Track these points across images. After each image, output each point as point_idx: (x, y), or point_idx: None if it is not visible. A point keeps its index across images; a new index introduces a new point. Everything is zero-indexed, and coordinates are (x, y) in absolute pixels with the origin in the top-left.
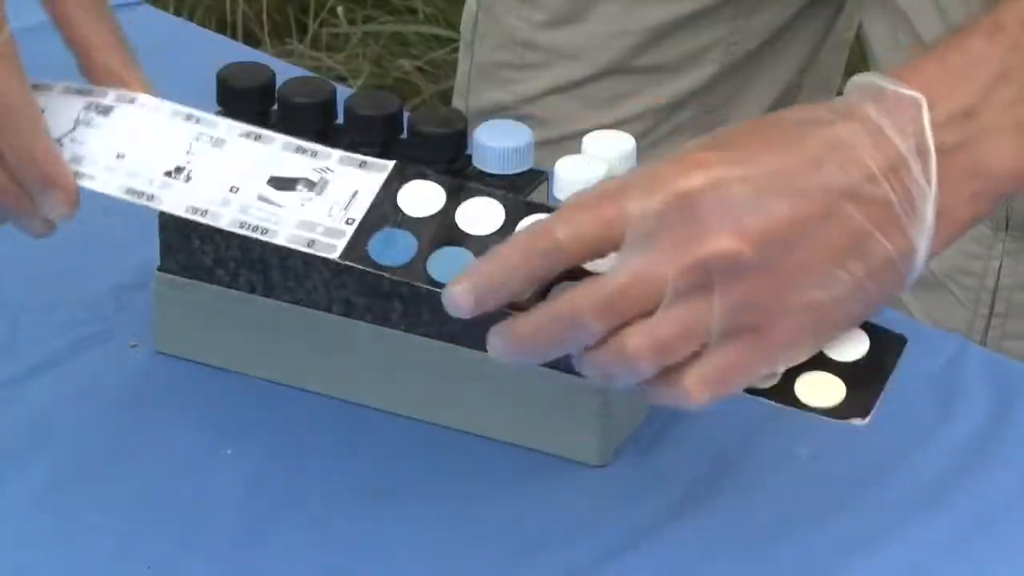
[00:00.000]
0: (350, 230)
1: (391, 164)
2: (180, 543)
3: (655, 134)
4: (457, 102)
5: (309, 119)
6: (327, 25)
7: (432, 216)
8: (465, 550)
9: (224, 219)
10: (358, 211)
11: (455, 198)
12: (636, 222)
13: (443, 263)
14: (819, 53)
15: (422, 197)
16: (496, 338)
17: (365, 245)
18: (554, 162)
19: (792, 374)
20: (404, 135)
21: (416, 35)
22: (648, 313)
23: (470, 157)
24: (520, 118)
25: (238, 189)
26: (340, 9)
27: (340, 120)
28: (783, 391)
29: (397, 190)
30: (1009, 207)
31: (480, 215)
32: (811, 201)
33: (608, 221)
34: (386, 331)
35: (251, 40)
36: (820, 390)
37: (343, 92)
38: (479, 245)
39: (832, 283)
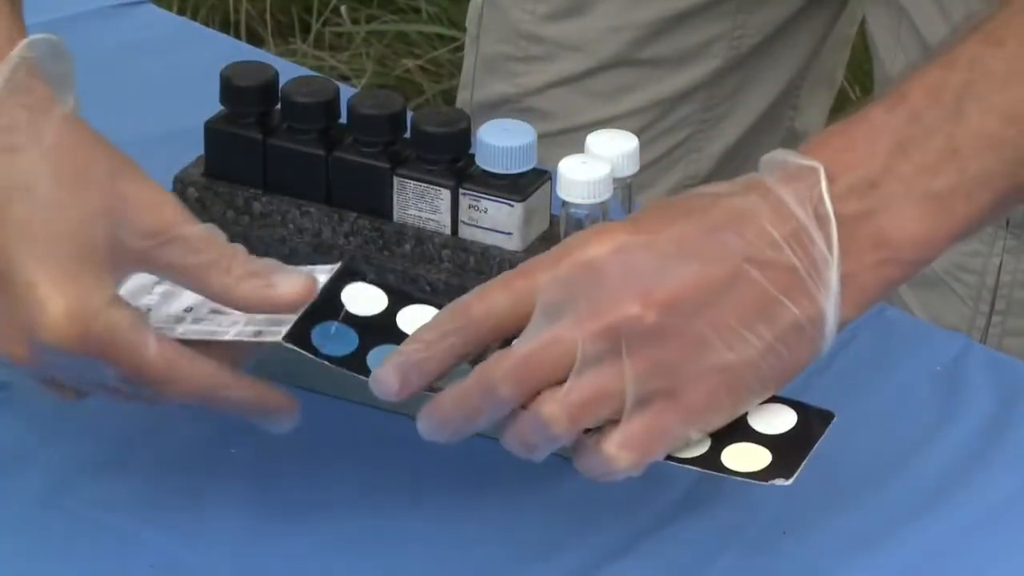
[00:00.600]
0: (292, 318)
1: (336, 265)
2: (183, 542)
3: (657, 128)
4: (462, 95)
5: (312, 118)
6: (330, 24)
7: (374, 316)
8: (465, 551)
9: (178, 330)
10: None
11: (396, 303)
12: (544, 291)
13: (382, 358)
14: (821, 49)
15: (366, 298)
16: (422, 420)
17: (308, 333)
18: (556, 155)
19: (720, 444)
20: (407, 134)
21: (419, 34)
22: (560, 381)
23: (473, 156)
24: (523, 111)
25: (192, 308)
26: (344, 8)
27: (344, 119)
28: (710, 460)
29: (341, 289)
30: None
31: (419, 321)
32: (715, 265)
33: (518, 293)
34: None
35: (255, 40)
36: (746, 457)
37: (347, 91)
38: None
39: (741, 346)
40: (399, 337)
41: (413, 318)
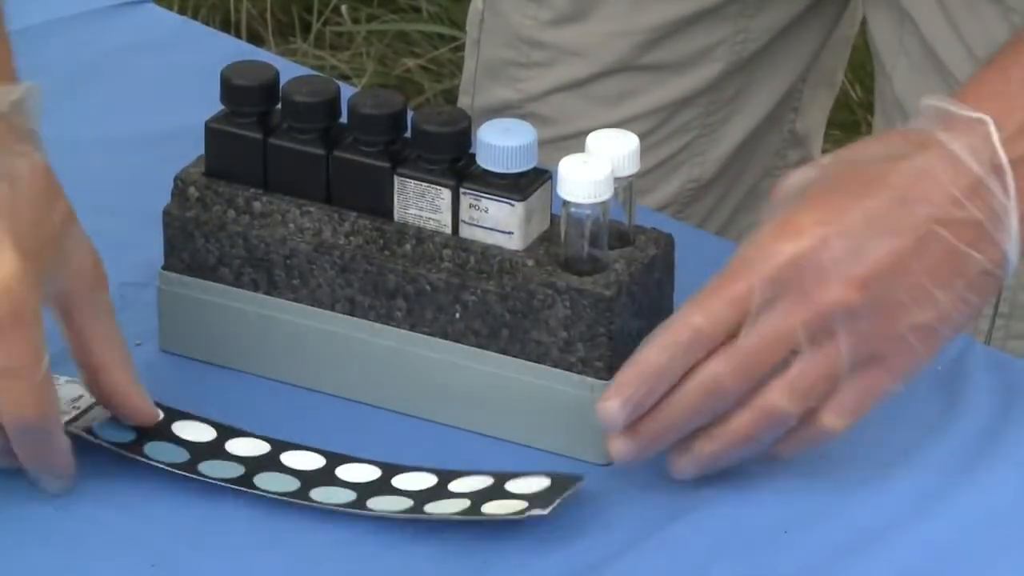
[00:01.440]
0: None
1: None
2: (183, 541)
3: (660, 133)
4: (463, 100)
5: (313, 117)
6: (331, 24)
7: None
8: (464, 550)
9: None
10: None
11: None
12: (759, 292)
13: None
14: (823, 51)
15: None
16: (622, 442)
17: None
18: (558, 160)
19: (479, 503)
20: (408, 134)
21: (420, 34)
22: (775, 371)
23: (473, 156)
24: (525, 116)
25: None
26: (344, 8)
27: (345, 119)
28: (472, 513)
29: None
30: None
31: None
32: (906, 235)
33: (736, 297)
34: (390, 329)
35: (255, 39)
36: (504, 507)
37: (347, 90)
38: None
39: (936, 303)
40: (175, 439)
41: (191, 428)
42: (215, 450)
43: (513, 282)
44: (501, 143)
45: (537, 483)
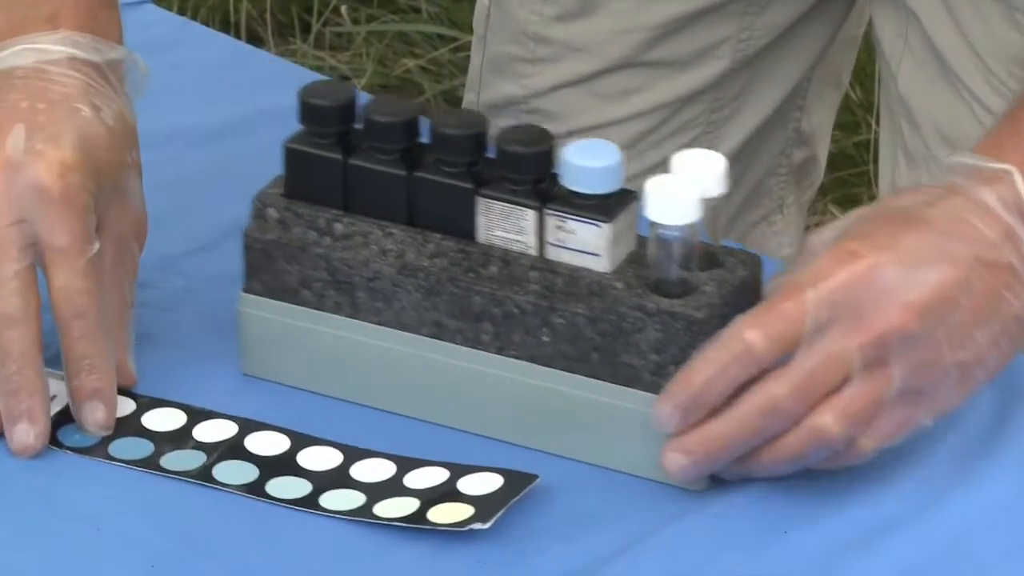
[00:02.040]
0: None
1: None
2: (182, 541)
3: (664, 129)
4: (469, 96)
5: (394, 138)
6: (331, 24)
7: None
8: (464, 550)
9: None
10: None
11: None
12: (815, 312)
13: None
14: (829, 50)
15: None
16: (675, 455)
17: (56, 432)
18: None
19: (429, 504)
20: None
21: (420, 34)
22: (829, 392)
23: (556, 176)
24: (530, 112)
25: None
26: (344, 8)
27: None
28: (416, 517)
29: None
30: None
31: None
32: (954, 269)
33: (789, 315)
34: (478, 353)
35: (254, 39)
36: (451, 513)
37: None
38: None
39: (976, 343)
40: (144, 432)
41: (160, 418)
42: (182, 439)
43: (603, 304)
44: (588, 163)
45: (490, 482)
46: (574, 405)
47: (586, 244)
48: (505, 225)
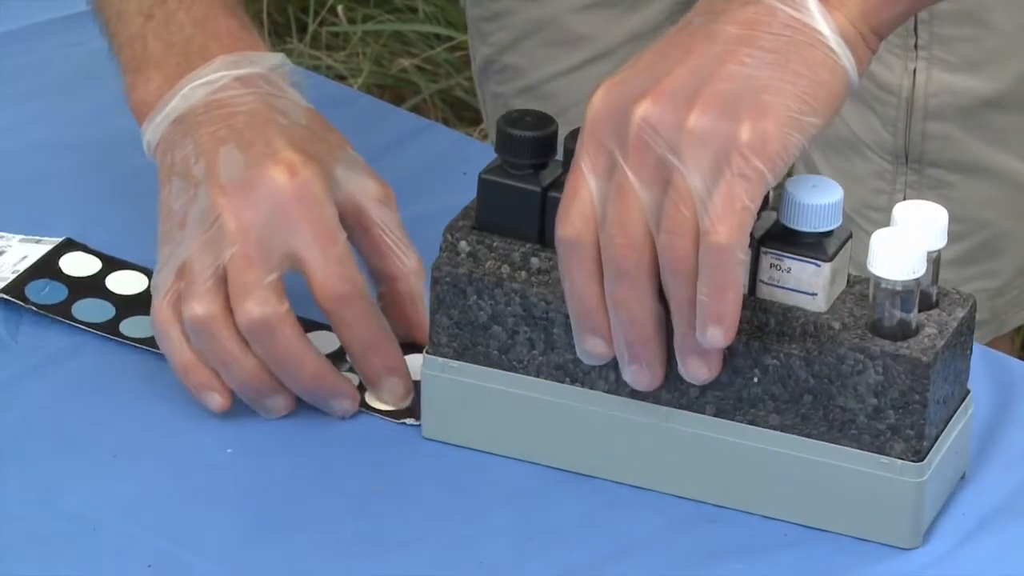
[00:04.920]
0: (12, 276)
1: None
2: (180, 542)
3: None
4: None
5: None
6: (327, 24)
7: (87, 277)
8: (464, 550)
9: None
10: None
11: (108, 267)
12: (583, 160)
13: (87, 308)
14: None
15: (80, 263)
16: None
17: (23, 289)
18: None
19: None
20: None
21: (416, 34)
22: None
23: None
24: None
25: None
26: (340, 8)
27: None
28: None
29: (59, 257)
30: (907, 140)
31: (129, 282)
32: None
33: (576, 186)
34: (684, 413)
35: None
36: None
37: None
38: (121, 302)
39: (731, 73)
40: (108, 295)
41: (123, 280)
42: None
43: (819, 346)
44: (810, 201)
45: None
46: (793, 466)
47: (801, 283)
48: None
